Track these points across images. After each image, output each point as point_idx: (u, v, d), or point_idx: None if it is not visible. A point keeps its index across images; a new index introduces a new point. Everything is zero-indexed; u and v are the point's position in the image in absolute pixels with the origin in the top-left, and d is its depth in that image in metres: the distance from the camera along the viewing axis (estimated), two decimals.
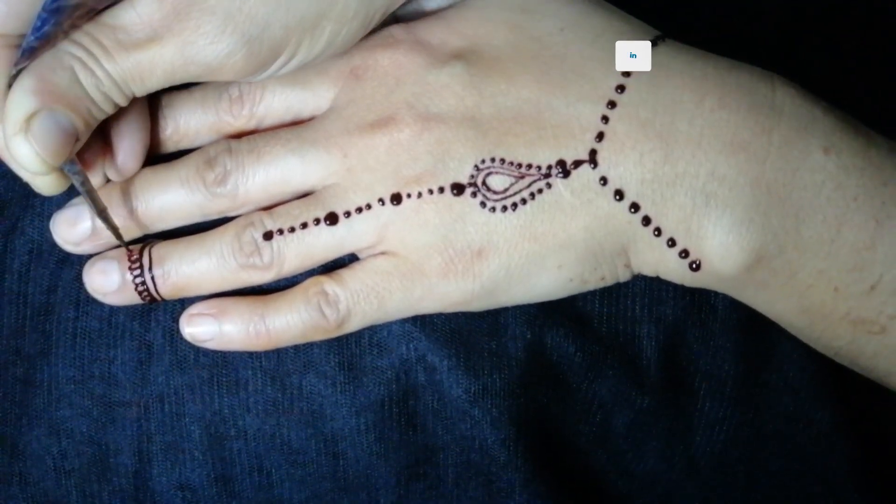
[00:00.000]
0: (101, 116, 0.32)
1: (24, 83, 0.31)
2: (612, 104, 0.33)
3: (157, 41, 0.31)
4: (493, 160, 0.34)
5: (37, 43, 0.30)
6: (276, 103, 0.36)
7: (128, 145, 0.35)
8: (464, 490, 0.38)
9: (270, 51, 0.32)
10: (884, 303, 0.33)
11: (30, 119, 0.30)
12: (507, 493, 0.37)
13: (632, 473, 0.39)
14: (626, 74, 0.34)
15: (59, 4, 0.30)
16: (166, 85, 0.33)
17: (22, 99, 0.30)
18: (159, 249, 0.36)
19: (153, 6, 0.31)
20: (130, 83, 0.32)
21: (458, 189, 0.34)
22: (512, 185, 0.34)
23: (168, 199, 0.35)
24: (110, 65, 0.31)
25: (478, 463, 0.37)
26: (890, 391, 0.37)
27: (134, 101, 0.33)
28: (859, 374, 0.37)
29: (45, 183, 0.33)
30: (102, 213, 0.34)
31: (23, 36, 0.31)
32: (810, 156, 0.33)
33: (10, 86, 0.31)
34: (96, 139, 0.34)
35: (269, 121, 0.36)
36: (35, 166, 0.31)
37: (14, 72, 0.31)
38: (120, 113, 0.34)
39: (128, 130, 0.35)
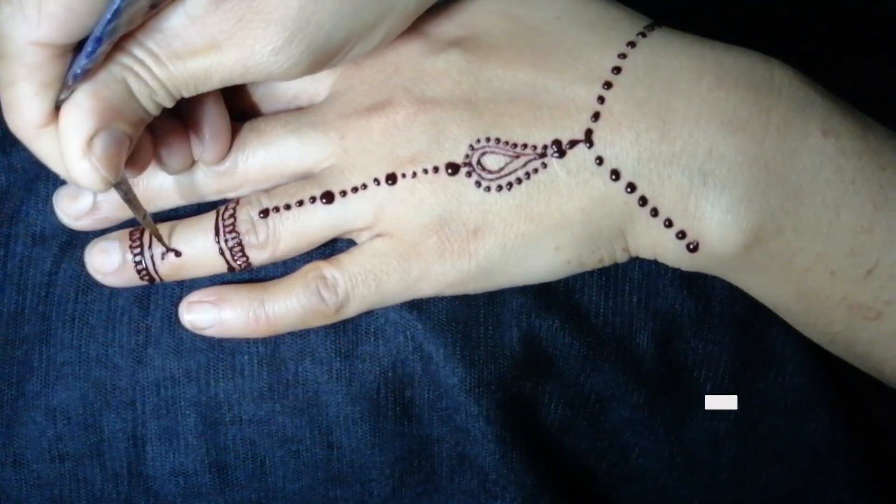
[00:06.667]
0: (149, 120, 0.31)
1: (81, 103, 0.29)
2: (608, 85, 0.33)
3: (215, 49, 0.30)
4: (488, 140, 0.34)
5: (90, 65, 0.28)
6: (276, 89, 0.36)
7: (210, 124, 0.34)
8: (458, 483, 0.37)
9: (329, 56, 0.32)
10: (880, 287, 0.33)
11: (91, 140, 0.29)
12: (501, 486, 0.37)
13: (627, 466, 0.38)
14: (623, 56, 0.34)
15: (114, 25, 0.27)
16: (218, 88, 0.32)
17: (81, 120, 0.29)
18: (159, 229, 0.36)
19: (207, 9, 0.29)
20: (183, 89, 0.31)
21: (452, 168, 0.34)
22: (507, 164, 0.33)
23: (167, 176, 0.36)
24: (164, 73, 0.30)
25: (472, 455, 0.37)
26: (888, 391, 0.36)
27: None
28: (857, 375, 0.36)
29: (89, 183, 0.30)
30: (145, 219, 0.34)
31: (69, 45, 0.28)
32: (809, 137, 0.32)
33: (58, 106, 0.29)
34: (174, 126, 0.33)
35: (269, 106, 0.37)
36: (98, 185, 0.29)
37: (65, 95, 0.29)
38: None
39: (206, 110, 0.34)
